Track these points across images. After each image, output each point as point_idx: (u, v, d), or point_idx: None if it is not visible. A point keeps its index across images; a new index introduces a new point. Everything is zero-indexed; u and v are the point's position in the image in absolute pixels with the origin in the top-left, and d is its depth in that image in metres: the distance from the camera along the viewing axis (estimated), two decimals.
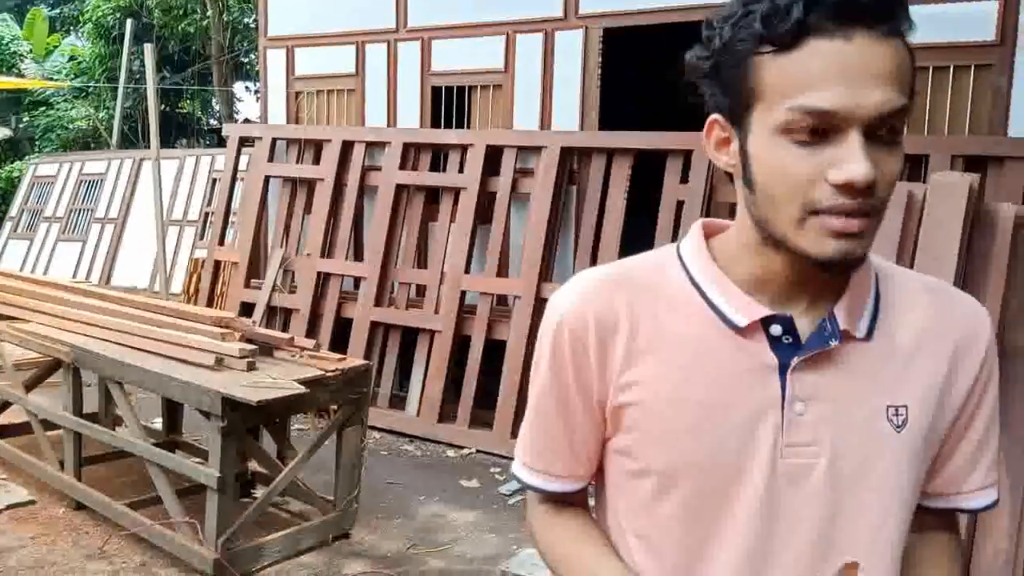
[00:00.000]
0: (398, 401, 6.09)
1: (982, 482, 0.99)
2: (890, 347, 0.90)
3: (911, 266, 2.57)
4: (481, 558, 4.04)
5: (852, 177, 0.78)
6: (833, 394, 0.88)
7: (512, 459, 1.09)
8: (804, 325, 0.89)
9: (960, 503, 0.99)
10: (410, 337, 6.11)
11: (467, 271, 5.87)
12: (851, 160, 0.78)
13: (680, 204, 5.28)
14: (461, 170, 6.05)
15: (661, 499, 0.94)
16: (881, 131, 0.80)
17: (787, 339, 0.89)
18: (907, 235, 2.65)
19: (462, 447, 5.59)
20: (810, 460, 0.88)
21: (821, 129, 0.80)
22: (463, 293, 5.83)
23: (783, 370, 0.89)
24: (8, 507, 2.27)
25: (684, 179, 5.32)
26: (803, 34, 0.79)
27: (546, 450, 1.01)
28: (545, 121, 6.15)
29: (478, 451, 5.52)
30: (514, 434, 5.37)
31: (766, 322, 0.89)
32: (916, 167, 4.72)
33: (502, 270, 5.94)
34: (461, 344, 5.82)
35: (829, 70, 0.78)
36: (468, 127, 6.47)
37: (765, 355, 0.89)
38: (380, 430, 5.85)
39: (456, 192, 6.04)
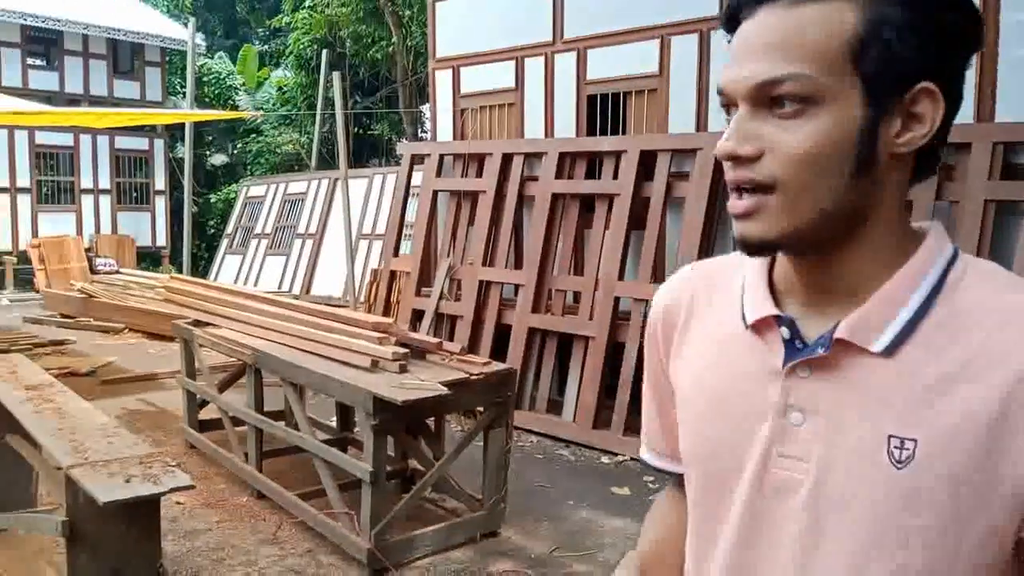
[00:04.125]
0: (555, 406, 6.19)
1: None
2: (919, 370, 0.77)
3: None
4: None
5: (716, 149, 0.80)
6: (832, 410, 0.81)
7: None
8: (818, 331, 0.83)
9: None
10: (566, 343, 6.19)
11: (620, 277, 5.87)
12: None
13: None
14: (615, 176, 6.06)
15: (688, 483, 0.97)
16: (777, 104, 0.77)
17: (799, 344, 0.83)
18: None
19: (616, 454, 5.59)
20: (799, 475, 0.82)
21: (731, 107, 0.81)
22: (617, 299, 5.84)
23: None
24: (172, 490, 2.57)
25: None
26: (734, 21, 0.82)
27: (650, 426, 1.08)
28: (701, 123, 6.04)
29: (632, 459, 5.49)
30: None
31: (779, 323, 0.85)
32: None
33: (656, 276, 5.88)
34: (615, 350, 5.82)
35: (730, 50, 0.81)
36: (623, 133, 6.48)
37: (774, 358, 0.85)
38: (536, 434, 5.97)
39: (610, 199, 6.06)
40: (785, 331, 0.83)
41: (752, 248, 0.81)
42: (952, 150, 4.83)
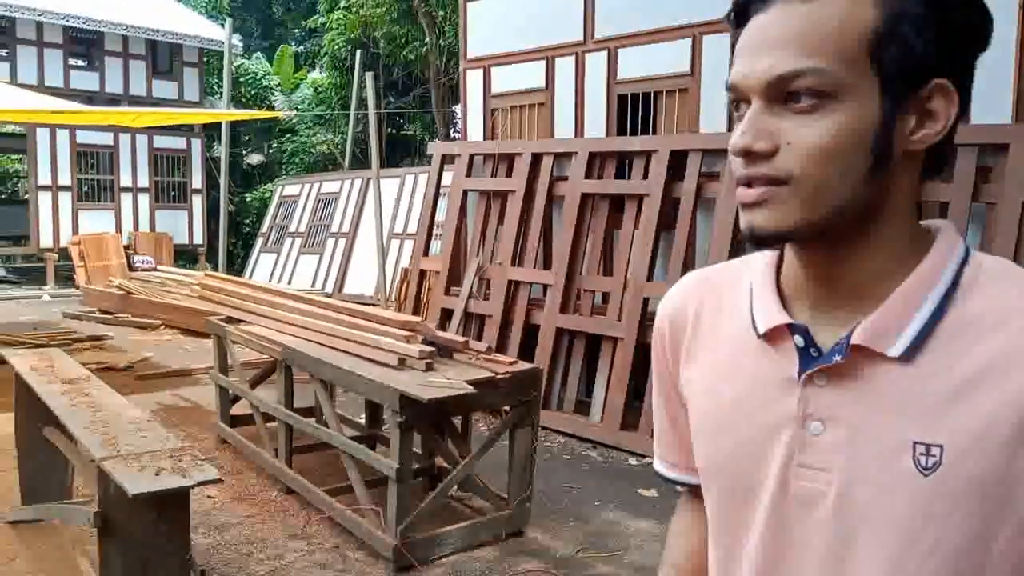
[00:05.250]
0: (583, 407, 6.18)
1: None
2: (940, 374, 0.76)
3: None
4: (650, 567, 4.01)
5: (729, 145, 0.79)
6: (852, 418, 0.79)
7: None
8: (830, 336, 0.82)
9: None
10: (595, 343, 6.18)
11: (650, 278, 5.84)
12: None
13: None
14: (645, 176, 6.04)
15: (707, 496, 0.95)
16: (792, 98, 0.76)
17: (814, 352, 0.82)
18: None
19: (643, 455, 5.56)
20: (822, 486, 0.81)
21: (742, 103, 0.80)
22: (646, 300, 5.81)
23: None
24: (200, 483, 2.62)
25: None
26: (744, 15, 0.81)
27: (662, 438, 1.05)
28: (732, 123, 5.98)
29: None
30: None
31: (792, 331, 0.84)
32: None
33: None
34: (644, 351, 5.79)
35: (740, 45, 0.80)
36: (653, 133, 6.45)
37: (789, 367, 0.83)
38: (564, 434, 5.96)
39: (640, 199, 6.03)
40: (799, 339, 0.82)
41: (762, 240, 0.80)
42: (989, 151, 4.73)
